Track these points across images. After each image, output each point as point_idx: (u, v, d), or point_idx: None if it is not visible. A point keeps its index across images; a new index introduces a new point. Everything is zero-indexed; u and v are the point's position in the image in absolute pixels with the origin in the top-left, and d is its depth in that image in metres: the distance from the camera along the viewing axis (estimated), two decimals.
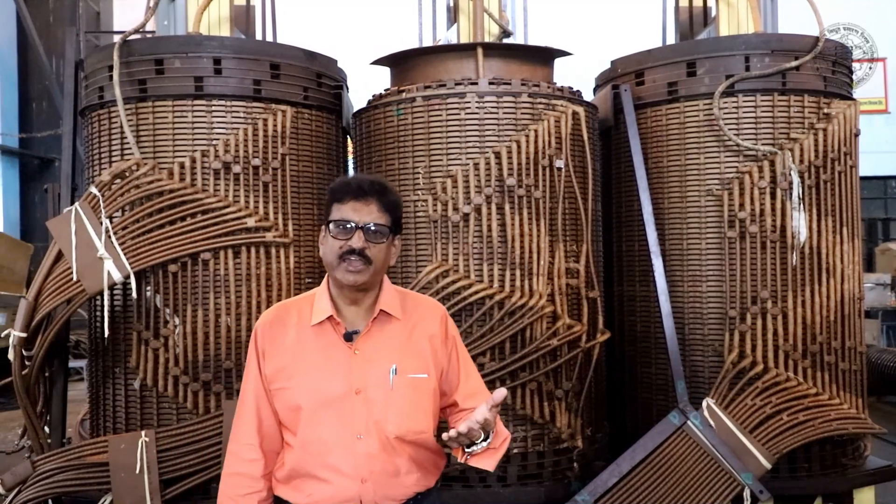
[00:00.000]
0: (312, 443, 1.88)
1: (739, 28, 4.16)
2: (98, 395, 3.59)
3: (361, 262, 1.85)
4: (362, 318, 1.95)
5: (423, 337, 1.98)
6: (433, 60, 3.79)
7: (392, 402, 1.89)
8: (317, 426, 1.88)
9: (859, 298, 3.82)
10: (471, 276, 3.48)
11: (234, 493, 1.93)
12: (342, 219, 1.87)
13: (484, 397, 1.99)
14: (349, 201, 1.88)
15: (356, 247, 1.85)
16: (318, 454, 1.88)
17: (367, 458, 1.86)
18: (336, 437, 1.86)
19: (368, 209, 1.87)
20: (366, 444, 1.86)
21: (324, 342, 1.92)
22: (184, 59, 3.43)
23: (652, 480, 3.34)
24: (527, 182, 3.50)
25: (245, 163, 3.41)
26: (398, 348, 1.94)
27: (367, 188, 1.89)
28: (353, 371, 1.89)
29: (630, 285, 4.08)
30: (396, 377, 1.90)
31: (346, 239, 1.86)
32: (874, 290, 9.25)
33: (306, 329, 1.94)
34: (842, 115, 3.71)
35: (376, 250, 1.88)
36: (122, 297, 3.40)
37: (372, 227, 1.87)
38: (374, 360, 1.91)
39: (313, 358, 1.92)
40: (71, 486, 3.27)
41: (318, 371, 1.90)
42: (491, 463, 1.90)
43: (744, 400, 3.48)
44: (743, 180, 3.63)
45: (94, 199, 3.27)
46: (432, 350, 1.98)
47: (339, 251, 1.86)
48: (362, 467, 1.86)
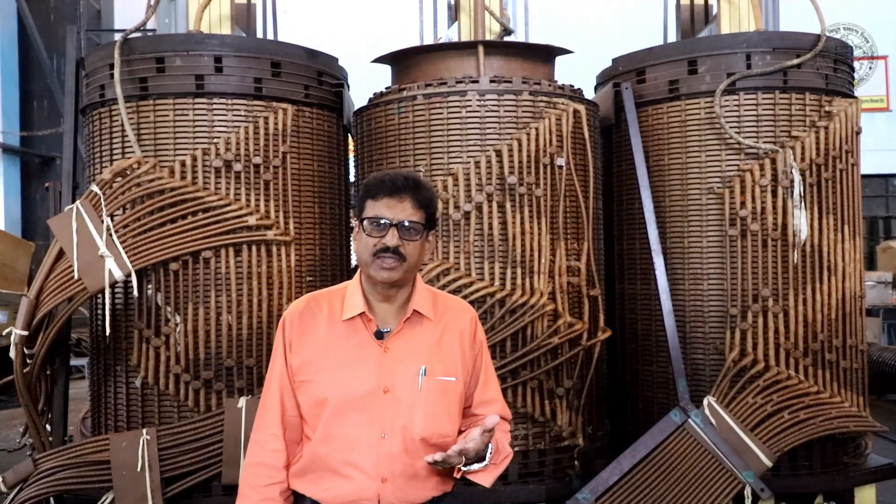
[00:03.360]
0: (336, 438, 1.87)
1: (741, 26, 4.16)
2: (99, 393, 3.59)
3: (395, 260, 1.84)
4: (394, 316, 1.94)
5: (453, 339, 1.97)
6: (434, 58, 3.79)
7: (419, 404, 1.88)
8: (342, 422, 1.86)
9: (860, 296, 3.81)
10: (472, 274, 3.48)
11: (257, 482, 1.93)
12: (376, 216, 1.85)
13: (495, 409, 2.01)
14: (383, 198, 1.86)
15: (390, 244, 1.83)
16: (340, 450, 1.86)
17: (389, 458, 1.85)
18: (360, 435, 1.85)
19: (402, 206, 1.85)
20: (389, 444, 1.85)
21: (354, 338, 1.91)
22: (185, 57, 3.43)
23: (653, 478, 3.34)
24: (528, 180, 3.50)
25: (246, 161, 3.41)
26: (428, 350, 1.92)
27: (401, 185, 1.86)
28: (383, 370, 1.88)
29: (631, 283, 4.08)
30: (425, 378, 1.88)
31: (380, 236, 1.84)
32: (875, 289, 9.25)
33: (337, 323, 1.92)
34: (843, 112, 3.70)
35: (410, 247, 1.86)
36: (123, 296, 3.40)
37: (406, 225, 1.85)
38: (404, 360, 1.90)
39: (343, 353, 1.90)
40: (72, 484, 3.27)
41: (347, 367, 1.89)
42: (488, 479, 1.89)
43: (745, 398, 3.48)
44: (744, 178, 3.63)
45: (96, 198, 3.27)
46: (461, 352, 1.97)
47: (373, 248, 1.85)
48: (383, 467, 1.84)
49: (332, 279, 3.68)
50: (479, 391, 2.03)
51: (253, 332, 3.41)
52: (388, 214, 1.84)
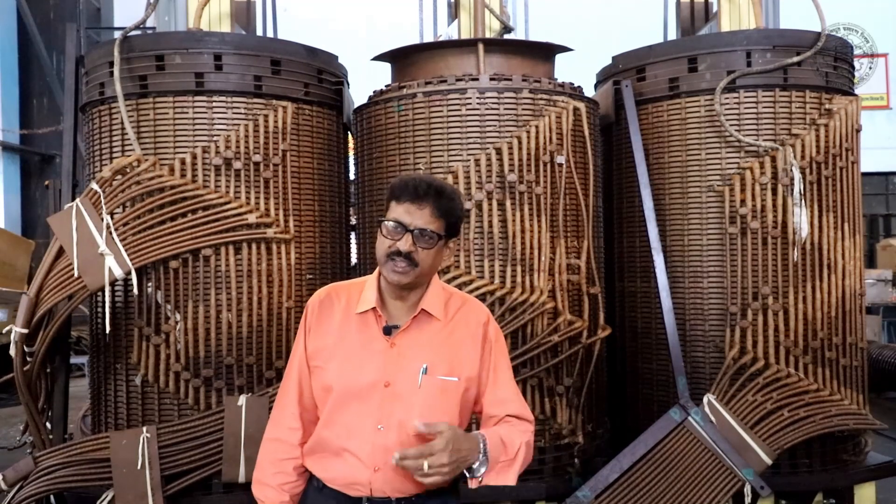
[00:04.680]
0: (337, 424, 1.94)
1: (741, 23, 4.15)
2: (99, 391, 3.59)
3: (407, 264, 1.89)
4: (405, 314, 1.99)
5: (460, 340, 2.00)
6: (434, 56, 3.79)
7: (417, 401, 1.92)
8: (343, 410, 1.94)
9: (860, 294, 3.81)
10: (472, 272, 3.48)
11: (273, 457, 2.02)
12: (394, 219, 1.89)
13: (510, 408, 2.01)
14: (405, 202, 1.89)
15: (403, 249, 1.88)
16: (340, 436, 1.93)
17: (383, 450, 1.89)
18: (358, 424, 1.92)
19: (421, 213, 1.88)
20: (384, 436, 1.90)
21: (365, 332, 1.97)
22: (184, 54, 3.43)
23: (653, 476, 3.34)
24: (528, 178, 3.50)
25: (246, 159, 3.41)
26: (433, 349, 1.96)
27: (423, 192, 1.89)
28: (387, 364, 1.94)
29: (631, 281, 4.08)
30: (426, 377, 1.93)
31: (395, 240, 1.89)
32: (875, 287, 9.25)
33: (351, 315, 1.99)
34: (843, 110, 3.70)
35: (424, 254, 1.90)
36: (123, 294, 3.40)
37: (421, 232, 1.88)
38: (408, 357, 1.95)
39: (352, 345, 1.97)
40: (72, 482, 3.27)
41: (354, 358, 1.95)
42: (508, 478, 1.90)
43: (744, 396, 3.49)
44: (744, 176, 3.62)
45: (95, 196, 3.26)
46: (468, 354, 2.00)
47: (387, 250, 1.90)
48: (377, 457, 1.90)
49: (332, 277, 3.68)
50: (489, 391, 2.03)
51: (253, 329, 3.41)
52: (406, 219, 1.88)
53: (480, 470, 1.84)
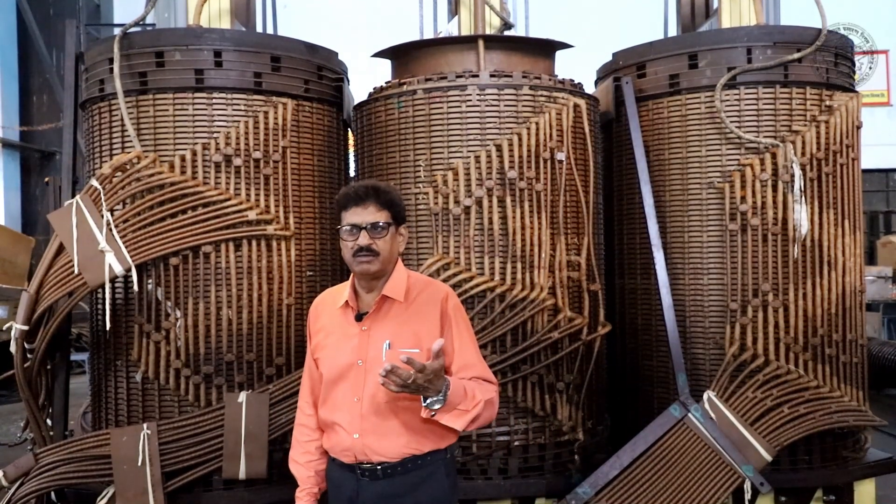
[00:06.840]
0: (328, 402, 2.32)
1: (741, 20, 4.15)
2: (100, 387, 3.59)
3: (370, 255, 2.23)
4: (373, 301, 2.30)
5: (420, 316, 2.28)
6: (434, 53, 3.78)
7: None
8: (333, 389, 2.30)
9: (860, 291, 3.82)
10: (472, 269, 3.48)
11: (301, 438, 2.43)
12: (347, 223, 2.25)
13: (474, 371, 2.27)
14: (351, 207, 2.25)
15: (363, 244, 2.22)
16: (331, 411, 2.30)
17: (360, 418, 2.23)
18: (342, 399, 2.27)
19: (367, 211, 2.23)
20: (360, 406, 2.24)
21: (344, 322, 2.33)
22: (184, 51, 3.42)
23: (653, 473, 3.35)
24: (528, 175, 3.50)
25: (246, 156, 3.41)
26: (395, 327, 2.26)
27: (362, 193, 2.25)
28: (360, 346, 2.27)
29: (631, 278, 4.08)
30: (389, 351, 2.22)
31: (354, 239, 2.23)
32: (875, 283, 9.25)
33: (336, 311, 2.36)
34: (844, 107, 3.70)
35: (381, 243, 2.24)
36: (123, 290, 3.40)
37: (372, 225, 2.23)
38: (375, 337, 2.26)
39: (336, 334, 2.33)
40: (73, 479, 3.28)
41: (337, 345, 2.31)
42: (459, 422, 2.14)
43: (745, 392, 3.49)
44: (744, 173, 3.62)
45: (95, 192, 3.26)
46: (429, 328, 2.26)
47: (351, 250, 2.24)
48: (356, 425, 2.23)
49: (332, 273, 3.68)
50: (456, 357, 2.28)
51: (253, 326, 3.41)
52: (357, 220, 2.23)
53: (434, 406, 2.09)
